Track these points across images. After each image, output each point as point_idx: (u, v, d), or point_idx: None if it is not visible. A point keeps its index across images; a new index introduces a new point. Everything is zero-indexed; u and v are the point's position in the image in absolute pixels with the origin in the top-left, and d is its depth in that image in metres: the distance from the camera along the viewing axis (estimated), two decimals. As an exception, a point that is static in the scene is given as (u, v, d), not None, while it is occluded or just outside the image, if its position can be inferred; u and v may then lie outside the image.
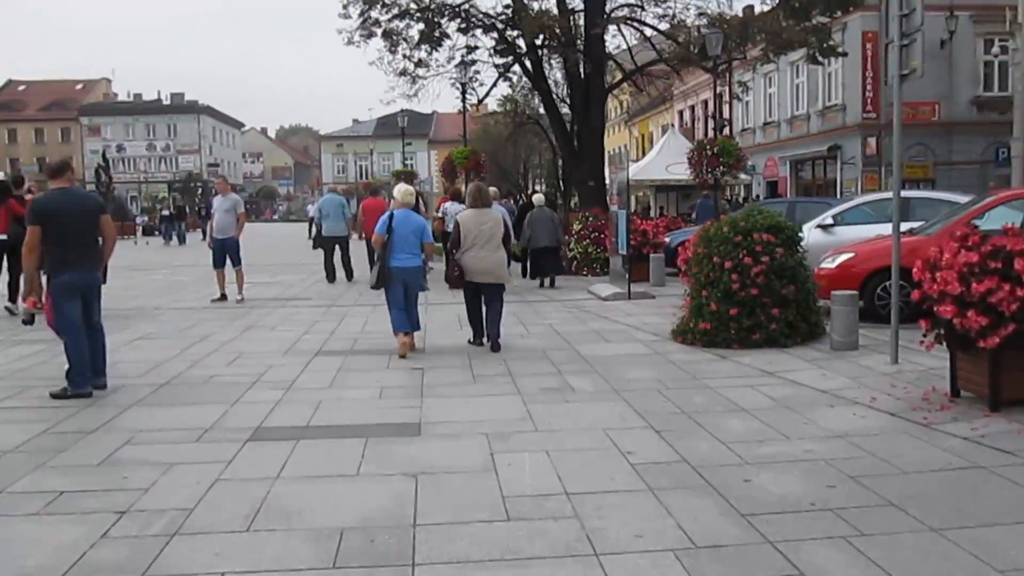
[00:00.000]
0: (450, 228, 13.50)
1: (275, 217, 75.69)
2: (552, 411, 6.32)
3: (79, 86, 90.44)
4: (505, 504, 4.33)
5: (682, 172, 31.37)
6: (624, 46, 26.20)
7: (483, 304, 9.04)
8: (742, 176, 35.27)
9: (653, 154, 33.40)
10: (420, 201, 19.01)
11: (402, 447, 5.45)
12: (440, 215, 15.62)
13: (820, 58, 23.46)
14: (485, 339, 9.01)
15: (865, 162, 29.97)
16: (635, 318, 10.84)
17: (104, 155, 58.82)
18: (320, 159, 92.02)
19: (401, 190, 9.13)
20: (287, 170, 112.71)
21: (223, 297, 13.27)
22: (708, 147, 17.92)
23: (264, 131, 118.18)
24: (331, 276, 16.80)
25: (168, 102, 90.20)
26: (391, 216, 8.64)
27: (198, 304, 13.09)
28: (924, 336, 6.30)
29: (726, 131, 28.42)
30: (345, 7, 23.94)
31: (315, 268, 19.76)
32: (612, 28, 23.67)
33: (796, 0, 21.01)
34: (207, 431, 5.86)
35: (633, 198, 29.27)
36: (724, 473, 4.79)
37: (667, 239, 15.86)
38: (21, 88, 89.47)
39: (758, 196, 34.16)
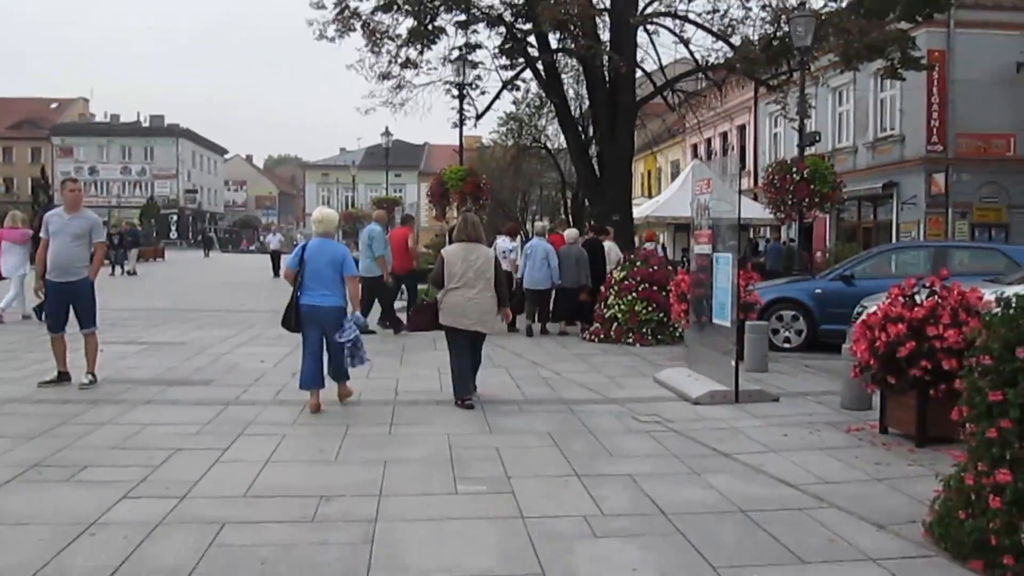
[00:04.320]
0: (504, 267, 12.43)
1: (251, 248, 70.82)
2: None
3: (53, 105, 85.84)
4: None
5: (712, 208, 27.23)
6: (652, 57, 21.93)
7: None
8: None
9: (675, 187, 29.37)
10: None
11: None
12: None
13: (900, 71, 19.06)
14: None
15: (930, 203, 25.45)
16: (783, 460, 5.72)
17: (43, 170, 54.01)
18: (304, 188, 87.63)
19: (316, 214, 7.76)
20: (271, 199, 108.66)
21: (61, 377, 8.27)
22: (794, 170, 13.18)
23: (250, 159, 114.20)
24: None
25: (147, 124, 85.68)
26: (304, 247, 7.48)
27: (17, 390, 7.95)
28: None
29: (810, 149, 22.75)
30: (317, -7, 19.34)
31: (256, 318, 14.85)
32: (641, 33, 19.15)
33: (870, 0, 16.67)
34: None
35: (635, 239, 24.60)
36: None
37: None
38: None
39: (793, 240, 29.46)
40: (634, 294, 11.91)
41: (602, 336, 12.09)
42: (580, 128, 22.68)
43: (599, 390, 8.33)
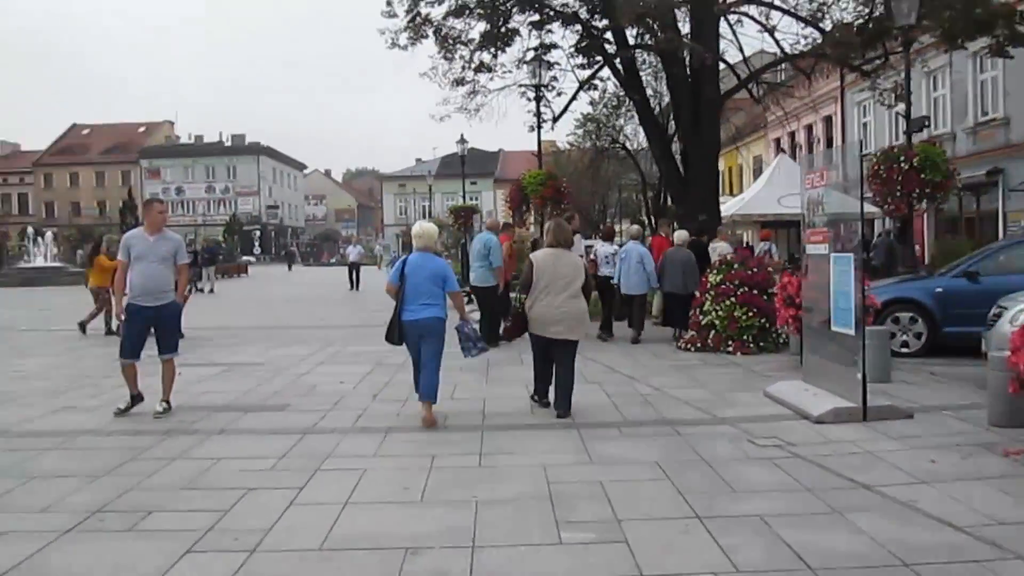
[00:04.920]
0: (604, 271, 13.34)
1: (332, 260, 71.54)
2: None
3: (141, 129, 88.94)
4: None
5: (800, 204, 25.98)
6: (734, 49, 20.91)
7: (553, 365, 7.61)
8: (870, 207, 29.54)
9: (761, 184, 28.22)
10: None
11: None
12: (592, 257, 13.97)
13: (1008, 48, 17.65)
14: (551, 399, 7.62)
15: (1039, 190, 23.65)
16: (939, 494, 4.86)
17: (130, 193, 55.91)
18: (382, 200, 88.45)
19: (416, 229, 7.71)
20: (350, 212, 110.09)
21: (134, 400, 7.86)
22: (902, 158, 12.07)
23: (328, 173, 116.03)
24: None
25: (229, 143, 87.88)
26: (404, 261, 7.50)
27: (90, 420, 7.68)
28: None
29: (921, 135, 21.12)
30: (389, 3, 19.02)
31: (336, 335, 14.51)
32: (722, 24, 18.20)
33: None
34: None
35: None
36: None
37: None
38: (85, 132, 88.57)
39: (890, 232, 27.84)
40: (732, 299, 11.04)
41: (699, 345, 11.25)
42: (661, 125, 21.84)
43: (705, 408, 7.54)
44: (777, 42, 19.22)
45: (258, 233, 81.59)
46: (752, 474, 5.42)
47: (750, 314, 10.94)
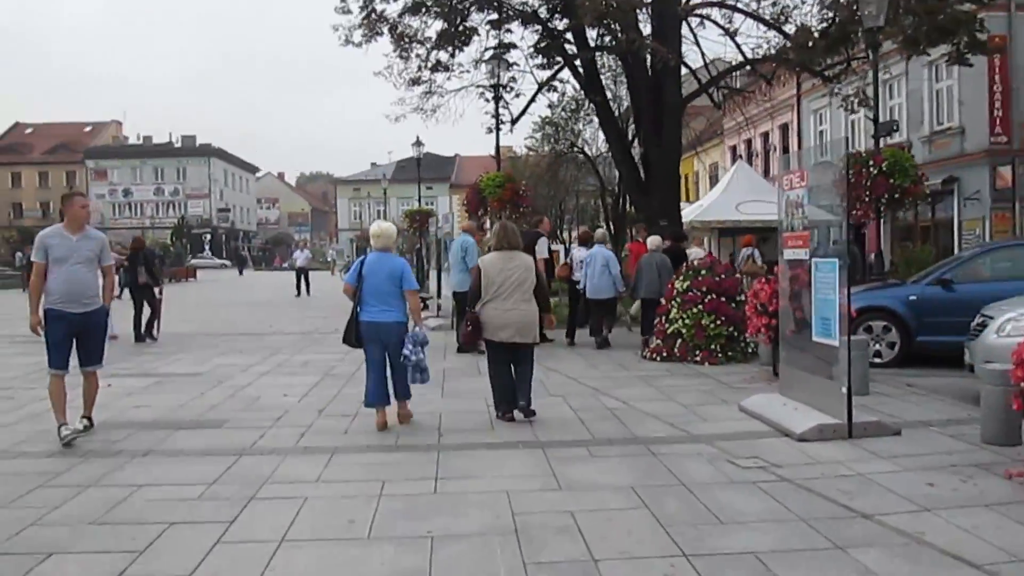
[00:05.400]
0: (578, 276, 13.18)
1: (284, 265, 70.22)
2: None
3: (87, 128, 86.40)
4: None
5: (758, 211, 25.76)
6: (695, 53, 20.57)
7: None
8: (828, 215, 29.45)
9: (719, 190, 28.14)
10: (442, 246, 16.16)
11: None
12: (567, 262, 14.14)
13: (968, 56, 17.60)
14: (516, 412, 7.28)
15: (995, 197, 23.79)
16: (945, 524, 4.39)
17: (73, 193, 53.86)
18: (336, 204, 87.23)
19: (375, 228, 7.47)
20: (304, 216, 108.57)
21: (62, 426, 6.50)
22: (871, 162, 11.75)
23: (281, 176, 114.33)
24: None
25: (179, 145, 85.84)
26: (362, 261, 7.29)
27: None
28: None
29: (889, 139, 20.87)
30: (343, 0, 18.36)
31: (283, 342, 13.78)
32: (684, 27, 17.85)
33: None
34: None
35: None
36: None
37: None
38: (28, 131, 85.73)
39: (849, 240, 27.77)
40: (700, 306, 10.57)
41: (664, 354, 10.77)
42: (622, 129, 21.44)
43: (679, 424, 7.02)
44: (738, 46, 18.97)
45: (208, 236, 79.70)
46: (738, 501, 4.89)
47: (718, 322, 10.47)
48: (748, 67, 19.73)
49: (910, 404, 7.68)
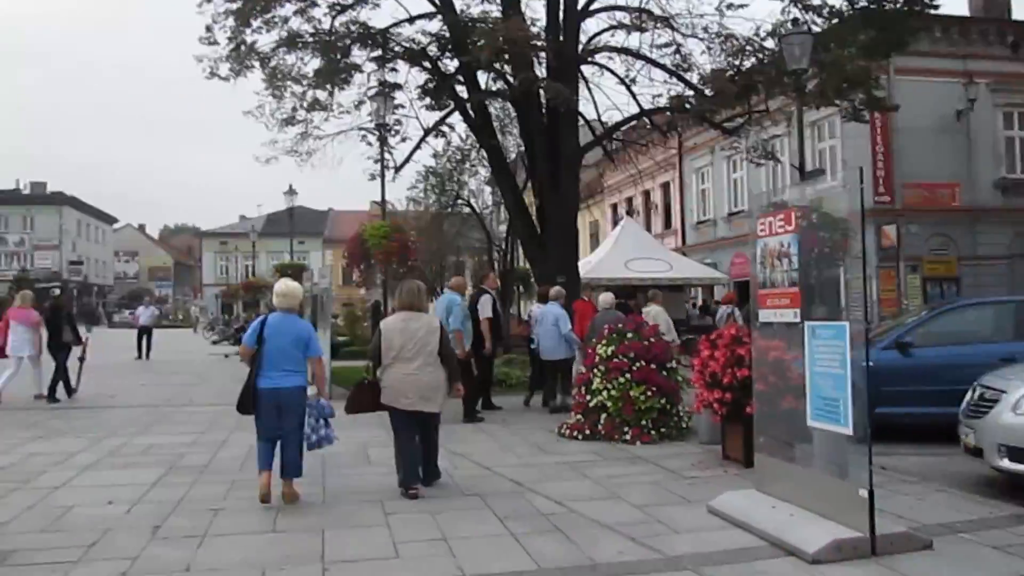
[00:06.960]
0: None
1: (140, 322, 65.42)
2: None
3: (-80, 172, 79.06)
4: None
5: (648, 268, 25.00)
6: (589, 106, 19.56)
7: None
8: (716, 273, 29.11)
9: (607, 247, 27.44)
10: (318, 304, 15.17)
11: None
12: (527, 318, 13.65)
13: (864, 113, 17.39)
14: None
15: (881, 256, 23.94)
16: None
17: None
18: (201, 258, 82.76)
19: (280, 287, 6.89)
20: (166, 271, 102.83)
21: None
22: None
23: (142, 228, 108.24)
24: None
25: (27, 191, 79.52)
26: (263, 322, 6.67)
27: None
28: None
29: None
30: (209, 29, 16.43)
31: (120, 419, 11.40)
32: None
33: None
34: None
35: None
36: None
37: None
38: None
39: (717, 303, 27.33)
40: (627, 375, 9.05)
41: (588, 431, 9.17)
42: (514, 178, 20.19)
43: (642, 538, 5.33)
44: (634, 96, 18.13)
45: (57, 291, 73.62)
46: None
47: (648, 393, 8.98)
48: (645, 118, 18.92)
49: (909, 498, 6.26)
